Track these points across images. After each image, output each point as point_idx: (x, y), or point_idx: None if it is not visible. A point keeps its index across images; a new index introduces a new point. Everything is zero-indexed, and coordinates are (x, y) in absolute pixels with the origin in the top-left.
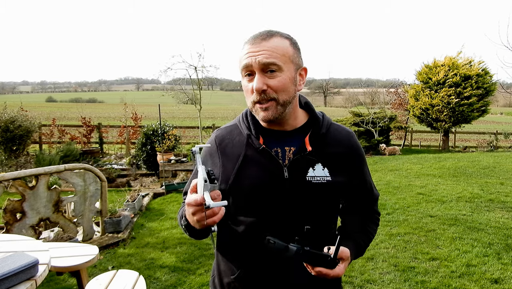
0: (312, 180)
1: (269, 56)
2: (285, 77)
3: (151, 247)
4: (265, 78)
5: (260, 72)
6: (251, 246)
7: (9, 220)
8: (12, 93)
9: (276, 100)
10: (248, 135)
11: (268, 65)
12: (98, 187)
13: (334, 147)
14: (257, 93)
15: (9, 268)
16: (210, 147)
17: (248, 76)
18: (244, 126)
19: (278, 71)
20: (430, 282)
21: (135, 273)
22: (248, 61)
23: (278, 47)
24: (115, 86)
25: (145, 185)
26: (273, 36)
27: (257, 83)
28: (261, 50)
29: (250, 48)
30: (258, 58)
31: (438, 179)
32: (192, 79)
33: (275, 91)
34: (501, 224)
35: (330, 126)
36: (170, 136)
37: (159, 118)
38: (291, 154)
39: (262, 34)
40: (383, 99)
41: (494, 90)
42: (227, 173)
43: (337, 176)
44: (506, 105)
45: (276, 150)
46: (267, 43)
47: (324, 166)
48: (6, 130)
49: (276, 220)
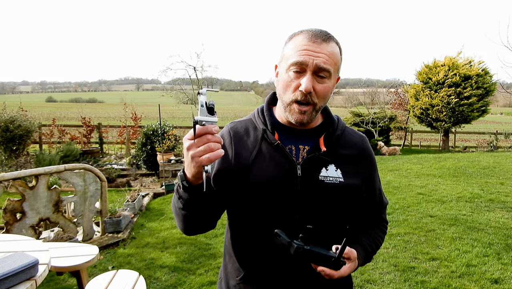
0: (325, 180)
1: (326, 62)
2: (330, 85)
3: (151, 247)
4: (314, 81)
5: (311, 74)
6: (259, 243)
7: (9, 220)
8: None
9: (314, 106)
10: (263, 130)
11: (322, 70)
12: (98, 187)
13: (348, 149)
14: (303, 93)
15: (9, 268)
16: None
17: (296, 73)
18: (259, 121)
19: (327, 78)
20: (430, 282)
21: (135, 273)
22: (305, 59)
23: (334, 54)
24: (115, 86)
25: (145, 185)
26: (331, 40)
27: (307, 84)
28: (321, 52)
29: (309, 46)
30: (316, 61)
31: (438, 179)
32: (191, 79)
33: (318, 97)
34: (501, 224)
35: (345, 130)
36: (170, 136)
37: (159, 118)
38: (305, 153)
39: (322, 35)
40: (383, 99)
41: (494, 90)
42: (240, 166)
43: (350, 178)
44: (506, 105)
45: (290, 147)
46: (327, 47)
47: (337, 167)
48: (6, 130)
49: (286, 217)
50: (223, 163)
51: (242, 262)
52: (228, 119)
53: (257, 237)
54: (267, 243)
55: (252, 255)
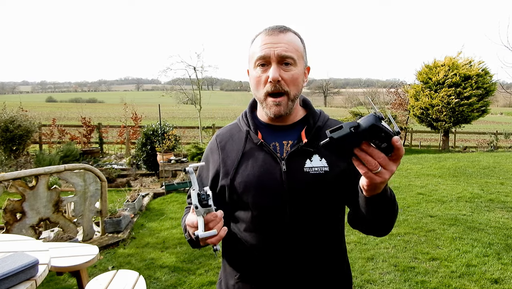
0: (310, 171)
1: (286, 49)
2: (297, 72)
3: (151, 247)
4: (280, 70)
5: (276, 64)
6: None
7: (9, 220)
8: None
9: (288, 95)
10: (247, 131)
11: (285, 58)
12: (98, 187)
13: None
14: (272, 83)
15: (9, 268)
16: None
17: (262, 67)
18: (243, 123)
19: (292, 65)
20: (430, 282)
21: (135, 273)
22: (266, 52)
23: (293, 41)
24: (115, 86)
25: (145, 185)
26: (288, 30)
27: (274, 73)
28: (279, 42)
29: (268, 39)
30: (277, 51)
31: (438, 179)
32: (191, 79)
33: (288, 85)
34: (501, 224)
35: (327, 121)
36: (170, 136)
37: (159, 118)
38: (289, 147)
39: (278, 27)
40: (383, 99)
41: (494, 90)
42: (227, 169)
43: (335, 165)
44: (506, 105)
45: (274, 144)
46: (285, 36)
47: (321, 156)
48: (6, 130)
49: (276, 213)
50: (213, 169)
51: (239, 261)
52: (228, 119)
53: (251, 235)
54: (262, 240)
55: (249, 254)
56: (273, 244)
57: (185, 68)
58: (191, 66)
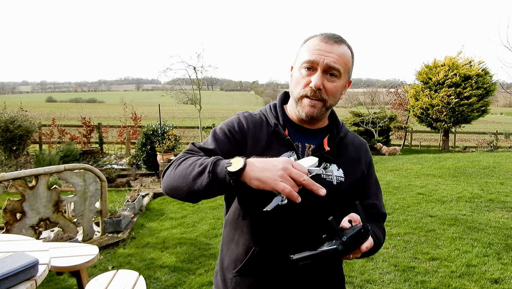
0: (327, 178)
1: (336, 61)
2: (339, 84)
3: (151, 247)
4: (324, 79)
5: (321, 72)
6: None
7: (9, 220)
8: (12, 93)
9: (324, 102)
10: (275, 124)
11: (332, 69)
12: (98, 187)
13: (349, 151)
14: (313, 89)
15: (9, 268)
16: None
17: (307, 70)
18: (272, 116)
19: (337, 77)
20: (430, 282)
21: (135, 273)
22: (316, 58)
23: (344, 55)
24: (115, 86)
25: (145, 185)
26: (343, 43)
27: (317, 81)
28: (331, 53)
29: (321, 45)
30: (327, 60)
31: (438, 179)
32: (191, 79)
33: (327, 94)
34: (501, 224)
35: (348, 133)
36: (170, 136)
37: (159, 118)
38: (310, 151)
39: (335, 37)
40: (383, 99)
41: (494, 90)
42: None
43: (351, 178)
44: (506, 105)
45: (297, 144)
46: (338, 48)
47: (339, 167)
48: (6, 130)
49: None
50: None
51: (238, 255)
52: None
53: (254, 231)
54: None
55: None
56: (274, 242)
57: (185, 68)
58: (191, 66)
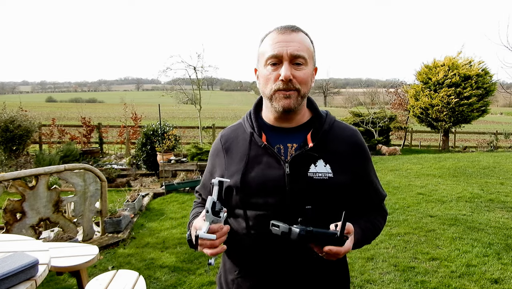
0: (314, 176)
1: (299, 48)
2: (308, 71)
3: (151, 247)
4: (292, 69)
5: (288, 63)
6: (255, 241)
7: (9, 220)
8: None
9: (298, 92)
10: (251, 133)
11: (297, 57)
12: (98, 187)
13: (337, 144)
14: (283, 81)
15: (9, 268)
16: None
17: (273, 66)
18: (247, 124)
19: (304, 64)
20: (430, 282)
21: (135, 273)
22: (279, 50)
23: (305, 41)
24: (115, 86)
25: (145, 185)
26: (300, 30)
27: (286, 71)
28: (292, 41)
29: (280, 37)
30: (289, 50)
31: (438, 179)
32: (191, 79)
33: (299, 83)
34: (501, 224)
35: (334, 124)
36: (170, 136)
37: (159, 118)
38: (293, 150)
39: (290, 26)
40: (383, 99)
41: (494, 90)
42: (232, 171)
43: (340, 173)
44: (506, 105)
45: (278, 146)
46: (297, 36)
47: (326, 162)
48: (6, 130)
49: (277, 215)
50: (219, 171)
51: (239, 258)
52: (228, 120)
53: (252, 236)
54: (262, 240)
55: (249, 252)
56: (272, 245)
57: (185, 68)
58: (191, 66)
